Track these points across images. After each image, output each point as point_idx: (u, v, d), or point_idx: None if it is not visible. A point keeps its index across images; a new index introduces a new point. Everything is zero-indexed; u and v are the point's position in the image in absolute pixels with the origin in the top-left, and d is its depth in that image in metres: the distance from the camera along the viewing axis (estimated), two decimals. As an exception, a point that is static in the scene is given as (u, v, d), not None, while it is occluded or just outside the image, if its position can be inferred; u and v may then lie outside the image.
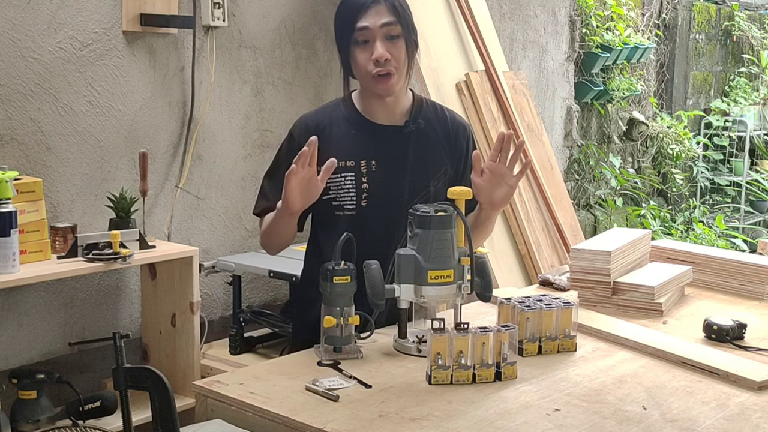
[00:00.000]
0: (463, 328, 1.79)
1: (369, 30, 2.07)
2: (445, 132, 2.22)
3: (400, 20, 2.09)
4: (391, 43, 2.08)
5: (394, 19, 2.08)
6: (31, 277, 2.56)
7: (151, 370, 1.72)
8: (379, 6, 2.08)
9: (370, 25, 2.07)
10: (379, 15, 2.07)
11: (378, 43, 2.07)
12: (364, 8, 2.08)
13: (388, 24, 2.07)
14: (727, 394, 1.79)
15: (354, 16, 2.08)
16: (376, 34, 2.07)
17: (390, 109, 2.17)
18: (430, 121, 2.21)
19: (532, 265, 3.90)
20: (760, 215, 7.01)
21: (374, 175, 2.13)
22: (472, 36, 4.03)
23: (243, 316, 3.25)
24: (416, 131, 2.17)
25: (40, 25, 2.86)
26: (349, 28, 2.09)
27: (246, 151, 3.54)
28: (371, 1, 2.08)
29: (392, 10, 2.08)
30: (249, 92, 3.53)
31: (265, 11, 3.55)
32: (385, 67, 2.08)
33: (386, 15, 2.08)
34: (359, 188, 2.12)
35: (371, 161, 2.13)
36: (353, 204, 2.12)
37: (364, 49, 2.09)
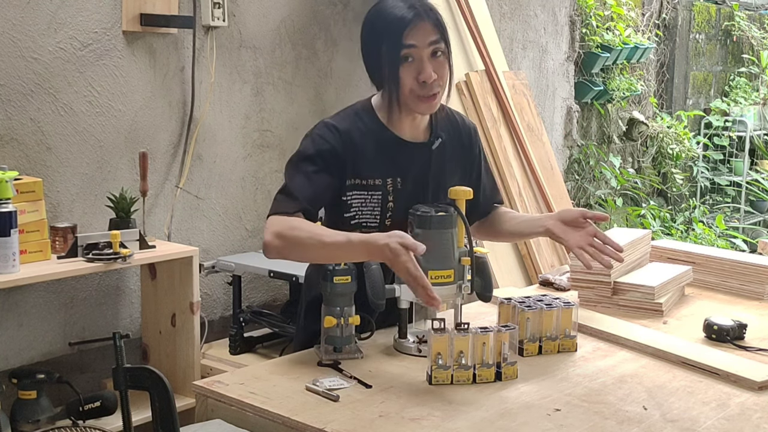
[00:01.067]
0: (463, 328, 1.79)
1: (416, 48, 1.96)
2: (460, 142, 2.16)
3: (444, 37, 1.99)
4: (436, 62, 1.98)
5: (439, 36, 1.98)
6: (31, 277, 2.56)
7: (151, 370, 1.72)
8: (425, 23, 1.96)
9: (417, 44, 1.95)
10: (426, 33, 1.96)
11: (426, 63, 1.96)
12: (409, 25, 1.95)
13: (434, 42, 1.97)
14: (728, 394, 1.79)
15: (399, 33, 1.95)
16: (423, 53, 1.96)
17: (417, 125, 2.09)
18: (448, 132, 2.15)
19: (532, 265, 3.90)
20: (760, 215, 7.01)
21: (399, 193, 2.03)
22: (472, 36, 4.03)
23: (243, 316, 3.25)
24: (439, 147, 2.10)
25: (40, 25, 2.86)
26: (396, 44, 1.95)
27: (246, 151, 3.54)
28: (416, 17, 1.96)
29: (437, 28, 1.98)
30: (249, 92, 3.53)
31: (265, 11, 3.55)
32: (433, 89, 1.98)
33: (432, 33, 1.97)
34: (384, 207, 2.03)
35: (397, 179, 2.03)
36: (376, 222, 2.03)
37: (409, 68, 1.97)
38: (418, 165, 2.06)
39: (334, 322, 1.89)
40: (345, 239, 1.84)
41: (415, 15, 1.96)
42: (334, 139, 2.00)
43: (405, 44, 1.95)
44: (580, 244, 2.08)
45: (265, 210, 3.59)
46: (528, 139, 4.14)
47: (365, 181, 2.01)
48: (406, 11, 1.96)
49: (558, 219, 2.14)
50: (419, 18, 1.96)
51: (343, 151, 1.99)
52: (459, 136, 2.17)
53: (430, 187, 2.09)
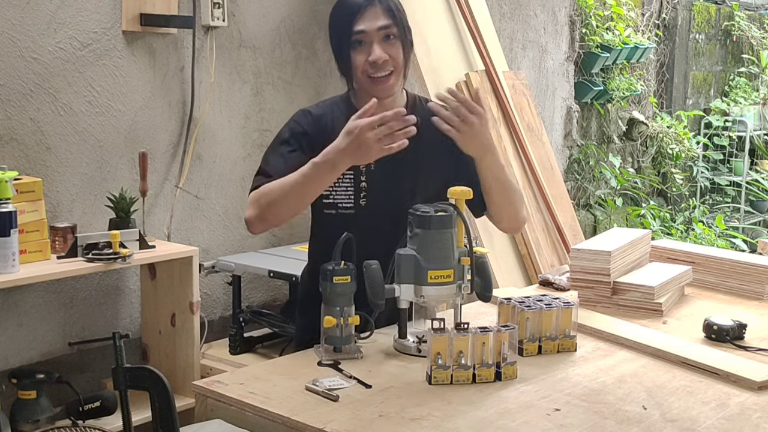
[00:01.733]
0: (463, 328, 1.79)
1: (366, 33, 2.07)
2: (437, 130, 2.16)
3: (396, 21, 2.09)
4: (388, 44, 2.08)
5: (391, 21, 2.08)
6: (31, 277, 2.56)
7: (151, 370, 1.72)
8: (375, 8, 2.08)
9: (366, 29, 2.07)
10: (375, 17, 2.07)
11: (375, 46, 2.06)
12: (360, 10, 2.07)
13: (385, 27, 2.07)
14: (727, 394, 1.79)
15: (350, 19, 2.07)
16: (373, 36, 2.07)
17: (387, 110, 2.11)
18: (425, 119, 2.17)
19: (532, 265, 3.90)
20: (760, 215, 7.01)
21: (372, 173, 2.13)
22: (472, 36, 4.03)
23: (243, 316, 3.25)
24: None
25: (40, 25, 2.86)
26: (346, 30, 2.08)
27: (246, 151, 3.54)
28: (367, 3, 2.08)
29: (388, 12, 2.08)
30: (249, 92, 3.53)
31: (265, 11, 3.55)
32: (383, 70, 2.08)
33: (383, 17, 2.07)
34: (357, 187, 2.12)
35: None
36: (350, 203, 2.13)
37: (360, 52, 2.08)
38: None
39: (333, 322, 1.89)
40: (310, 166, 1.97)
41: (365, 3, 2.07)
42: (307, 122, 2.14)
43: (355, 30, 2.07)
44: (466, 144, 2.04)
45: (265, 210, 3.60)
46: (528, 139, 4.14)
47: None
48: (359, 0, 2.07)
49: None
50: (370, 3, 2.07)
51: (315, 133, 2.11)
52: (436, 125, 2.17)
53: (406, 167, 2.12)
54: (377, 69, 2.07)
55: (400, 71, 2.11)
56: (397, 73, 2.10)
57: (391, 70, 2.09)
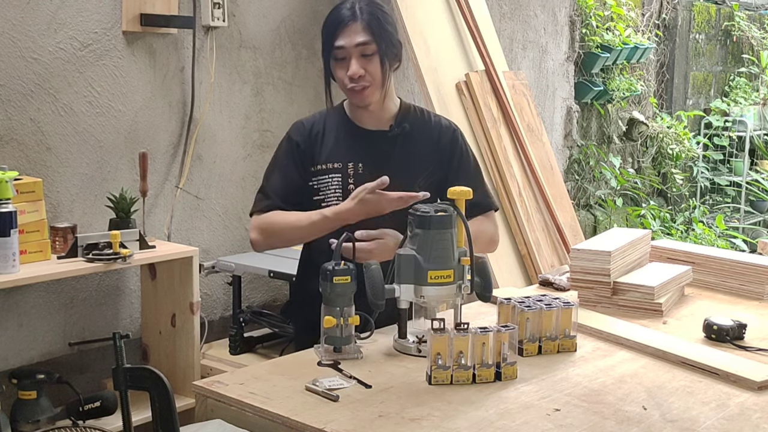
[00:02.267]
0: (463, 328, 1.79)
1: (345, 49, 2.17)
2: (429, 134, 2.29)
3: (376, 39, 2.17)
4: (366, 60, 2.17)
5: (369, 38, 2.16)
6: (31, 277, 2.56)
7: (151, 370, 1.72)
8: (356, 24, 2.17)
9: (345, 45, 2.17)
10: (354, 34, 2.17)
11: (353, 61, 2.16)
12: (341, 26, 2.17)
13: (362, 44, 2.16)
14: (727, 394, 1.79)
15: (333, 33, 2.18)
16: (351, 52, 2.17)
17: (376, 116, 2.27)
18: (415, 125, 2.29)
19: (532, 265, 3.90)
20: (760, 215, 7.01)
21: (360, 177, 2.19)
22: (472, 36, 4.03)
23: (243, 316, 3.25)
24: (401, 135, 2.25)
25: (40, 25, 2.87)
26: (328, 44, 2.20)
27: (246, 152, 3.54)
28: (348, 18, 2.17)
29: (367, 29, 2.17)
30: (249, 92, 3.53)
31: (265, 11, 3.55)
32: (359, 83, 2.17)
33: (361, 34, 2.16)
34: (345, 189, 2.19)
35: (358, 164, 2.22)
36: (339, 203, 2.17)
37: (341, 65, 2.19)
38: (376, 151, 2.23)
39: (333, 322, 1.89)
40: (320, 218, 2.13)
41: (349, 17, 2.17)
42: (300, 134, 2.28)
43: (335, 45, 2.19)
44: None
45: (265, 210, 3.60)
46: (528, 139, 4.14)
47: (325, 165, 2.23)
48: (344, 12, 2.19)
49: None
50: (351, 19, 2.17)
51: (307, 143, 2.26)
52: (428, 130, 2.30)
53: (394, 171, 2.16)
54: (354, 82, 2.17)
55: (378, 84, 2.20)
56: (375, 86, 2.19)
57: (368, 84, 2.18)
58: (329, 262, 1.92)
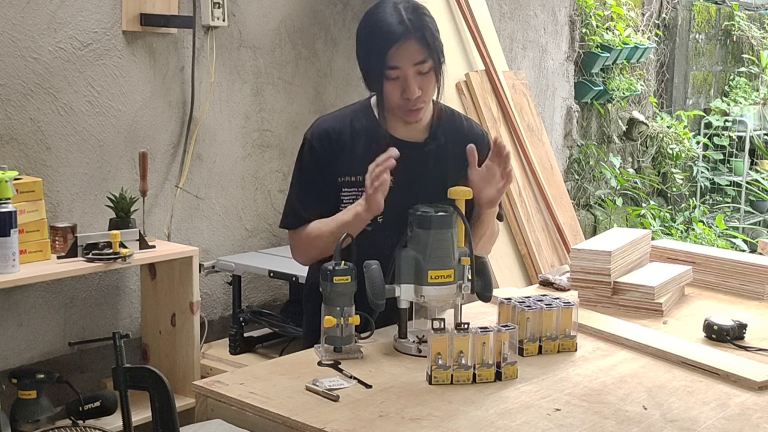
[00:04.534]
0: (463, 328, 1.79)
1: (401, 69, 2.01)
2: (463, 144, 2.13)
3: (431, 54, 2.01)
4: (422, 78, 2.03)
5: (426, 55, 2.00)
6: (31, 277, 2.56)
7: (151, 370, 1.72)
8: (411, 42, 1.99)
9: (402, 65, 2.00)
10: (411, 53, 1.99)
11: (410, 81, 2.01)
12: (396, 43, 1.98)
13: (420, 62, 2.01)
14: (728, 394, 1.79)
15: (385, 49, 1.99)
16: (408, 72, 2.01)
17: (413, 125, 2.13)
18: (450, 135, 2.16)
19: (532, 265, 3.90)
20: (760, 215, 7.01)
21: (391, 190, 2.03)
22: (472, 36, 4.03)
23: (243, 316, 3.25)
24: (436, 149, 2.13)
25: (40, 24, 2.86)
26: (381, 63, 2.01)
27: (246, 151, 3.54)
28: (401, 34, 1.98)
29: (423, 45, 2.00)
30: (249, 92, 3.53)
31: (265, 11, 3.55)
32: (417, 104, 2.04)
33: (418, 53, 1.99)
34: None
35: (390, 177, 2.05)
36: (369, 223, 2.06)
37: (395, 86, 2.03)
38: (411, 164, 2.07)
39: (334, 322, 1.89)
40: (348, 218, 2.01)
41: (402, 32, 1.99)
42: (322, 143, 2.10)
43: (389, 65, 2.00)
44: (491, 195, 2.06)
45: (265, 210, 3.61)
46: (528, 139, 4.14)
47: (355, 177, 2.07)
48: (396, 26, 1.99)
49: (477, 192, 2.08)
50: (406, 36, 1.99)
51: (332, 154, 2.09)
52: (463, 140, 2.14)
53: (425, 187, 2.09)
54: (410, 103, 2.04)
55: (431, 100, 2.09)
56: (428, 103, 2.09)
57: (423, 105, 2.06)
58: (329, 262, 1.92)
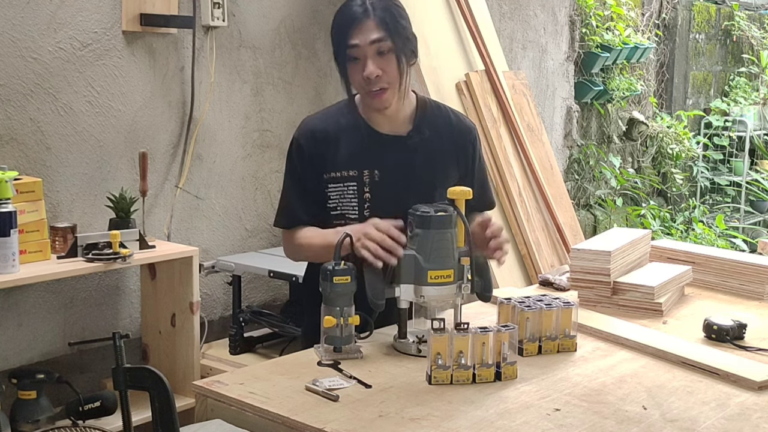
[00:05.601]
0: (463, 328, 1.79)
1: (359, 47, 2.05)
2: (450, 138, 2.19)
3: (391, 34, 2.05)
4: (382, 59, 2.06)
5: (384, 34, 2.04)
6: (31, 277, 2.56)
7: (151, 370, 1.72)
8: (368, 21, 2.04)
9: (360, 43, 2.05)
10: (368, 31, 2.04)
11: (369, 61, 2.05)
12: (354, 24, 2.05)
13: (377, 41, 2.04)
14: (727, 394, 1.79)
15: (345, 32, 2.06)
16: (366, 51, 2.05)
17: (392, 118, 2.15)
18: (436, 128, 2.18)
19: (532, 265, 3.90)
20: (760, 215, 7.01)
21: (376, 185, 2.11)
22: (472, 36, 4.03)
23: (243, 316, 3.25)
24: (420, 142, 2.15)
25: (40, 25, 2.86)
26: (342, 44, 2.07)
27: (246, 151, 3.54)
28: (361, 15, 2.05)
29: (382, 25, 2.04)
30: (249, 92, 3.53)
31: (265, 11, 3.55)
32: (377, 84, 2.07)
33: (375, 31, 2.04)
34: (361, 198, 2.11)
35: (374, 171, 2.11)
36: (356, 214, 2.11)
37: (356, 66, 2.08)
38: (395, 158, 2.13)
39: (333, 322, 1.89)
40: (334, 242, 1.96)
41: (362, 13, 2.05)
42: (308, 140, 2.16)
43: (349, 44, 2.06)
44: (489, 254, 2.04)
45: (265, 210, 3.60)
46: (528, 139, 4.14)
47: (340, 173, 2.12)
48: (356, 8, 2.06)
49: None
50: (364, 16, 2.05)
51: (317, 149, 2.14)
52: (450, 132, 2.19)
53: (414, 180, 2.12)
54: (371, 84, 2.07)
55: (396, 84, 2.09)
56: (393, 87, 2.09)
57: (386, 86, 2.07)
58: (329, 262, 1.92)
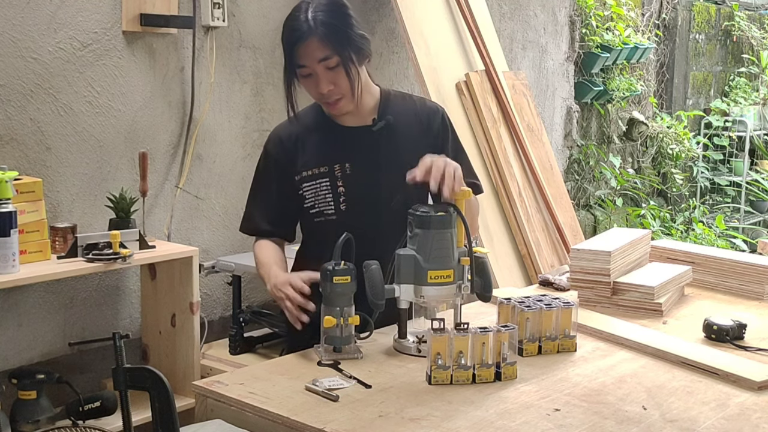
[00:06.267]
0: (462, 328, 1.79)
1: (308, 67, 2.09)
2: (416, 120, 2.23)
3: (336, 50, 2.07)
4: (332, 73, 2.09)
5: (329, 52, 2.06)
6: (31, 277, 2.55)
7: (151, 370, 1.72)
8: (313, 39, 2.06)
9: (308, 63, 2.09)
10: (314, 51, 2.06)
11: (320, 78, 2.09)
12: (300, 43, 2.07)
13: (324, 59, 2.07)
14: (727, 394, 1.79)
15: (293, 52, 2.09)
16: (316, 69, 2.09)
17: (355, 112, 2.19)
18: (400, 114, 2.22)
19: (532, 265, 3.90)
20: (760, 215, 7.01)
21: (349, 177, 2.15)
22: (472, 36, 4.03)
23: (243, 316, 3.25)
24: (386, 128, 2.18)
25: (40, 25, 2.86)
26: (291, 62, 2.11)
27: (246, 151, 3.54)
28: (305, 33, 2.06)
29: (326, 42, 2.06)
30: (249, 92, 3.53)
31: (265, 11, 3.55)
32: (332, 97, 2.12)
33: (320, 50, 2.06)
34: (335, 192, 2.15)
35: (345, 164, 2.15)
36: (332, 209, 2.15)
37: (309, 81, 2.12)
38: (363, 148, 2.17)
39: (333, 322, 1.89)
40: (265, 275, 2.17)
41: (305, 31, 2.06)
42: (276, 147, 2.25)
43: (298, 64, 2.10)
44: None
45: (265, 210, 3.60)
46: (528, 139, 4.14)
47: (311, 171, 2.17)
48: (300, 25, 2.07)
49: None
50: (308, 34, 2.06)
51: (285, 155, 2.21)
52: (415, 116, 2.23)
53: (385, 166, 2.14)
54: (326, 97, 2.12)
55: (350, 92, 2.13)
56: (347, 96, 2.13)
57: (340, 96, 2.12)
58: (329, 262, 1.92)
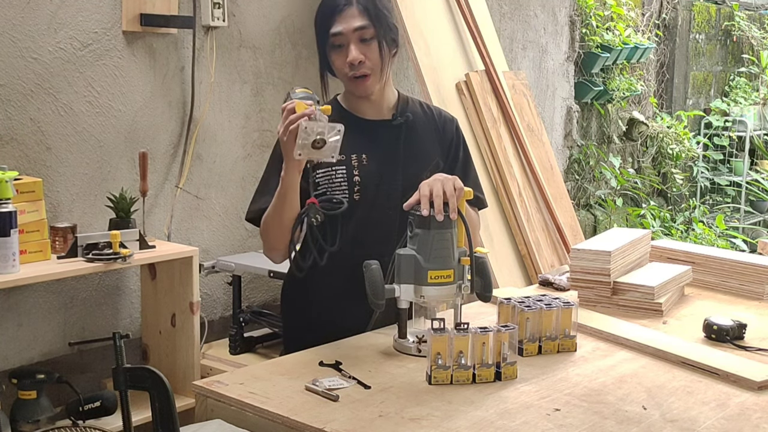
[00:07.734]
0: (462, 328, 1.79)
1: (342, 35, 2.11)
2: (433, 124, 2.27)
3: (373, 22, 2.11)
4: (365, 46, 2.11)
5: (367, 22, 2.10)
6: (31, 277, 2.56)
7: (151, 370, 1.72)
8: (351, 9, 2.11)
9: (343, 30, 2.11)
10: (351, 19, 2.10)
11: (352, 47, 2.10)
12: (337, 12, 2.12)
13: (360, 28, 2.10)
14: (727, 394, 1.79)
15: (328, 21, 2.13)
16: (350, 38, 2.11)
17: (376, 106, 2.22)
18: (418, 115, 2.25)
19: (532, 265, 3.90)
20: (760, 215, 7.01)
21: (366, 168, 2.15)
22: (472, 36, 4.04)
23: (243, 316, 3.25)
24: (405, 124, 2.21)
25: (40, 25, 2.87)
26: (324, 32, 2.14)
27: (246, 151, 3.54)
28: (344, 4, 2.12)
29: (365, 13, 2.11)
30: (249, 92, 3.53)
31: (265, 11, 3.55)
32: (360, 70, 2.12)
33: (358, 19, 2.10)
34: (351, 181, 2.14)
35: (362, 155, 2.16)
36: (345, 196, 2.14)
37: (339, 53, 2.13)
38: (383, 141, 2.19)
39: (305, 106, 1.94)
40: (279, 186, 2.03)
41: (343, 2, 2.12)
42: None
43: (332, 32, 2.12)
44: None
45: (265, 210, 3.60)
46: (528, 139, 4.14)
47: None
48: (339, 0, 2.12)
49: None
50: (347, 4, 2.12)
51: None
52: (432, 118, 2.27)
53: (399, 162, 2.16)
54: (355, 69, 2.12)
55: (378, 71, 2.14)
56: (375, 74, 2.14)
57: (369, 72, 2.13)
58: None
